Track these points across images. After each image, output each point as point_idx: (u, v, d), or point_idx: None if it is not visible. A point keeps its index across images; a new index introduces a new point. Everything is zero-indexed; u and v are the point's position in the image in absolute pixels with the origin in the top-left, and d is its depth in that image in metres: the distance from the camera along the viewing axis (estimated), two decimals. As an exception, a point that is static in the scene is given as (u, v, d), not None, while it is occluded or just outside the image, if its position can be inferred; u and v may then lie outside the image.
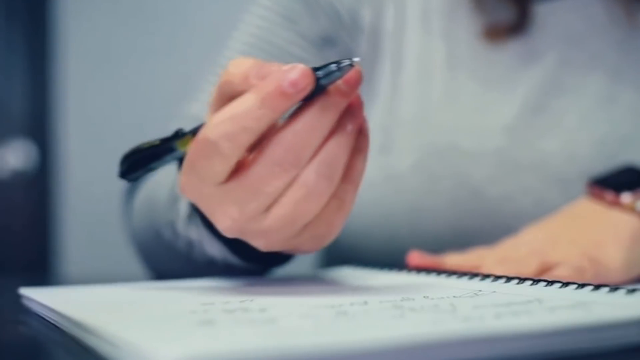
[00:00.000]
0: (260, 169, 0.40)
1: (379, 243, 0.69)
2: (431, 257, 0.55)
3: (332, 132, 0.40)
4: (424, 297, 0.39)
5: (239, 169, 0.40)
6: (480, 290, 0.41)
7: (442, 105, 0.69)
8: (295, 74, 0.38)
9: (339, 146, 0.40)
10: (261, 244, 0.43)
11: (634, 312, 0.32)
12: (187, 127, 0.68)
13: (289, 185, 0.40)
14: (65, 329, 0.38)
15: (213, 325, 0.32)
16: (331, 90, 0.39)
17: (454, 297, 0.39)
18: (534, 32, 0.70)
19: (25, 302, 0.46)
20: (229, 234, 0.42)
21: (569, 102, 0.68)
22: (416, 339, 0.28)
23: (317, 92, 0.39)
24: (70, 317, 0.37)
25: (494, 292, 0.41)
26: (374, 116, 0.71)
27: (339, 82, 0.39)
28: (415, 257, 0.55)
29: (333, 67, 0.39)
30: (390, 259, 0.66)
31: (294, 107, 0.40)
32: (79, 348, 0.34)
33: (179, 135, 0.44)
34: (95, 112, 1.99)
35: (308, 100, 0.39)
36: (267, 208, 0.41)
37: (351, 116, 0.40)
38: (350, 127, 0.40)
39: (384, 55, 0.71)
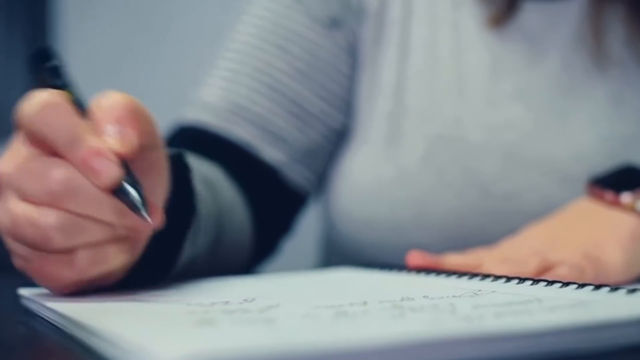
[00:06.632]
0: None
1: (384, 234, 0.69)
2: (431, 257, 0.55)
3: None
4: (424, 296, 0.39)
5: None
6: (480, 290, 0.41)
7: (449, 97, 0.69)
8: (105, 170, 0.39)
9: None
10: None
11: (634, 312, 0.32)
12: (196, 113, 0.71)
13: None
14: (65, 329, 0.38)
15: (213, 325, 0.32)
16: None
17: (454, 296, 0.39)
18: (541, 30, 0.70)
19: (25, 302, 0.46)
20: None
21: (576, 101, 0.68)
22: (416, 338, 0.28)
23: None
24: (70, 317, 0.36)
25: (494, 291, 0.41)
26: (381, 105, 0.71)
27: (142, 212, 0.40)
28: (414, 257, 0.55)
29: (137, 201, 0.40)
30: (394, 251, 0.66)
31: None
32: (79, 348, 0.34)
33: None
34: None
35: None
36: None
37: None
38: (122, 231, 0.41)
39: (390, 42, 0.71)
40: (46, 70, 0.45)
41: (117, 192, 0.40)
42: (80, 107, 0.42)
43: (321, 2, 0.71)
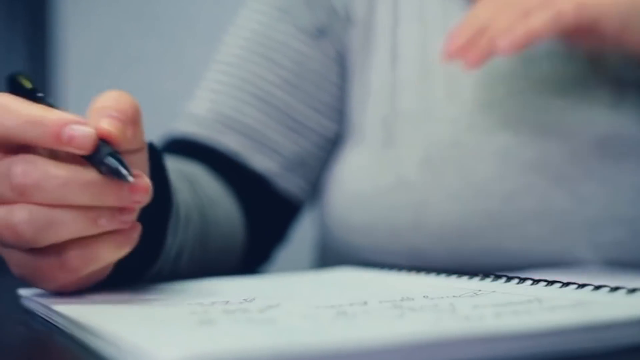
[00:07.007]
0: None
1: (382, 240, 0.69)
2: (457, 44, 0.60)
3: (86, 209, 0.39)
4: (424, 296, 0.39)
5: None
6: (480, 290, 0.41)
7: (443, 100, 0.69)
8: (79, 132, 0.38)
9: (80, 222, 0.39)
10: None
11: (634, 312, 0.32)
12: (185, 126, 0.72)
13: None
14: (65, 329, 0.38)
15: (213, 325, 0.32)
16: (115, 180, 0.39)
17: (454, 296, 0.39)
18: None
19: (25, 303, 0.46)
20: None
21: (573, 101, 0.68)
22: (416, 338, 0.28)
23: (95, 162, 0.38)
24: (70, 317, 0.37)
25: (494, 291, 0.41)
26: (374, 110, 0.71)
27: (129, 185, 0.38)
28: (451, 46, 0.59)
29: (113, 163, 0.38)
30: (392, 256, 0.66)
31: None
32: (78, 348, 0.34)
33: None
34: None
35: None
36: None
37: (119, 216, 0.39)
38: (104, 222, 0.39)
39: (379, 48, 0.72)
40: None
41: (97, 161, 0.38)
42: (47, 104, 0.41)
43: (308, 12, 0.72)
